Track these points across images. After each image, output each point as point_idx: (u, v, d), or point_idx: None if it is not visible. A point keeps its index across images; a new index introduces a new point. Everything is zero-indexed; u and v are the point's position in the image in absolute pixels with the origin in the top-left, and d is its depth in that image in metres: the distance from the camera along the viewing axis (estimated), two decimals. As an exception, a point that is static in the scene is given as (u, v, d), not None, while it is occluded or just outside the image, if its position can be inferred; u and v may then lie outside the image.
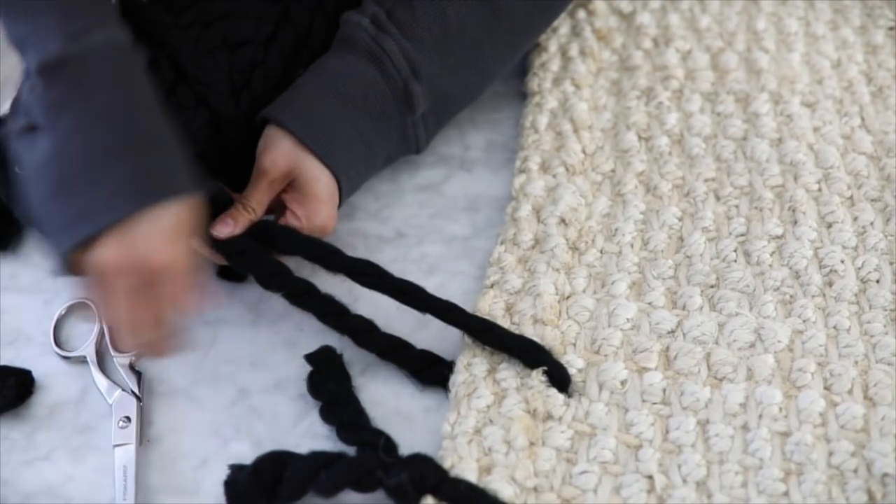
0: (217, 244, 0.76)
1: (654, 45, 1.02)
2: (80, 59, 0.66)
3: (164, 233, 0.66)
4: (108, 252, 0.65)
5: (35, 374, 0.80)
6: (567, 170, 0.89)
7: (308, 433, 0.76)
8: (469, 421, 0.72)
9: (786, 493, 0.67)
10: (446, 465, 0.69)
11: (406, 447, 0.72)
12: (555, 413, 0.73)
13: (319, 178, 0.80)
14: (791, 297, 0.79)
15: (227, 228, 0.76)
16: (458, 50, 0.85)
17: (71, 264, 0.67)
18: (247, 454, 0.74)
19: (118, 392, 0.79)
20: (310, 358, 0.78)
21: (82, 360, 0.81)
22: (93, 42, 0.66)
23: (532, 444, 0.71)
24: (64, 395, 0.80)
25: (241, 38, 0.85)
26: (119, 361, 0.81)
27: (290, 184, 0.80)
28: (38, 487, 0.75)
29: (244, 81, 0.86)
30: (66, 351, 0.82)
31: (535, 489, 0.69)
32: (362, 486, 0.68)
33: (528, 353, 0.75)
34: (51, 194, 0.66)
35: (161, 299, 0.68)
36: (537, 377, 0.73)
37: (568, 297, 0.80)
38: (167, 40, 0.82)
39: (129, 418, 0.77)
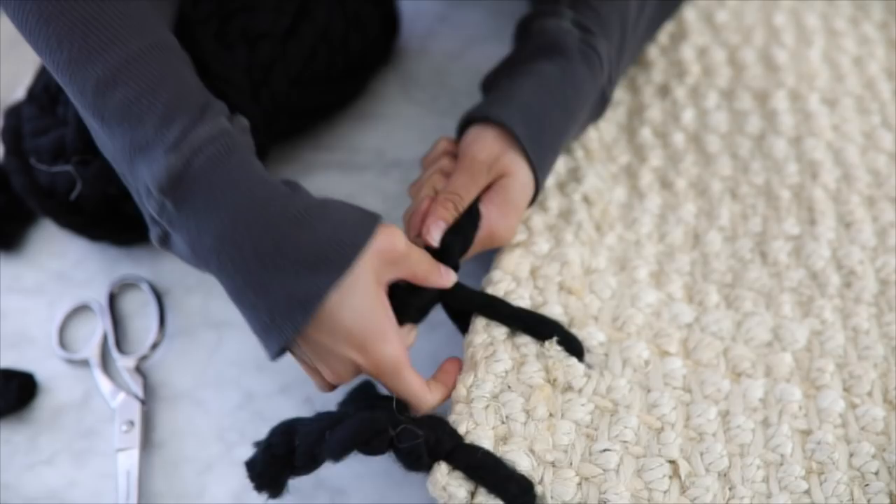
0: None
1: (670, 40, 1.00)
2: (189, 171, 0.63)
3: (359, 332, 0.64)
4: (299, 357, 0.68)
5: (38, 376, 0.80)
6: (587, 154, 0.87)
7: (314, 437, 0.75)
8: (486, 385, 0.68)
9: (807, 492, 0.66)
10: (461, 430, 0.65)
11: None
12: (575, 384, 0.70)
13: (526, 185, 0.75)
14: (809, 297, 0.77)
15: (438, 229, 0.71)
16: (631, 48, 0.84)
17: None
18: (252, 459, 0.73)
19: (121, 395, 0.78)
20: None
21: (86, 363, 0.81)
22: (193, 145, 0.63)
23: (551, 415, 0.68)
24: (67, 399, 0.79)
25: (260, 31, 0.85)
26: (123, 364, 0.80)
27: (491, 184, 0.75)
28: (40, 492, 0.74)
29: (263, 77, 0.85)
30: (70, 353, 0.82)
31: (553, 464, 0.66)
32: (372, 447, 0.62)
33: (538, 328, 0.72)
34: (231, 298, 0.67)
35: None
36: (552, 347, 0.71)
37: (591, 273, 0.78)
38: (189, 34, 0.81)
39: (132, 422, 0.76)
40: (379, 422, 0.62)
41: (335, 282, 0.63)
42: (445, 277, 0.70)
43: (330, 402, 0.72)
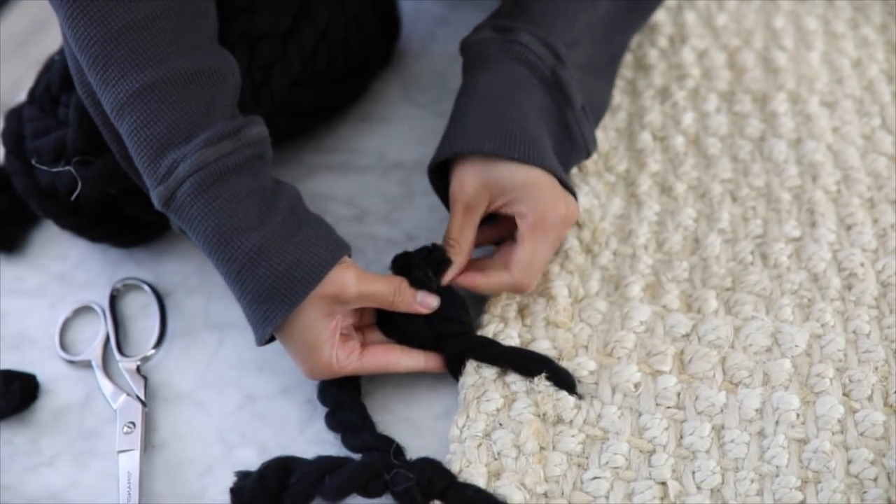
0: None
1: (670, 43, 1.00)
2: (174, 201, 0.71)
3: (295, 350, 0.73)
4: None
5: (40, 378, 0.80)
6: (580, 170, 0.88)
7: (315, 439, 0.75)
8: (478, 424, 0.71)
9: (802, 502, 0.66)
10: (455, 469, 0.68)
11: (414, 454, 0.71)
12: (565, 417, 0.71)
13: (518, 171, 0.75)
14: (809, 300, 0.77)
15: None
16: (584, 31, 0.82)
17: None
18: (252, 460, 0.74)
19: (123, 397, 0.78)
20: None
21: (87, 365, 0.81)
22: (177, 179, 0.70)
23: (542, 448, 0.70)
24: (68, 400, 0.79)
25: (260, 31, 0.85)
26: (124, 366, 0.80)
27: (501, 202, 0.76)
28: (42, 493, 0.74)
29: (263, 77, 0.85)
30: (72, 355, 0.82)
31: (546, 495, 0.67)
32: (369, 491, 0.66)
33: (528, 365, 0.73)
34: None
35: None
36: (541, 382, 0.72)
37: (581, 300, 0.78)
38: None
39: (133, 424, 0.76)
40: (375, 468, 0.67)
41: (285, 315, 0.70)
42: (421, 303, 0.75)
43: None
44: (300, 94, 0.89)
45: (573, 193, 0.78)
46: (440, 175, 0.79)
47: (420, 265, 0.75)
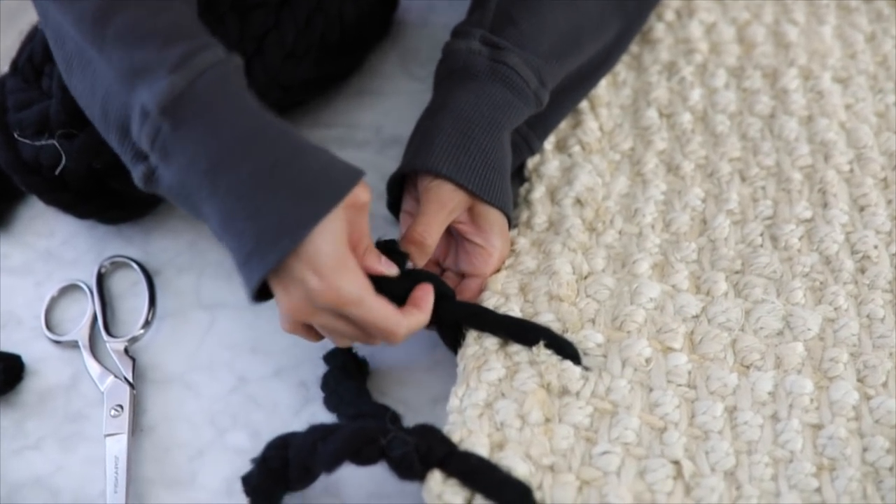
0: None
1: (677, 16, 0.98)
2: (192, 91, 0.64)
3: (327, 261, 0.64)
4: (279, 299, 0.66)
5: (25, 358, 0.79)
6: (583, 148, 0.86)
7: (309, 423, 0.72)
8: (479, 393, 0.68)
9: (818, 490, 0.64)
10: (455, 439, 0.65)
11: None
12: (572, 388, 0.69)
13: (495, 216, 0.77)
14: (821, 283, 0.75)
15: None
16: (566, 54, 0.82)
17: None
18: (245, 445, 0.73)
19: (111, 379, 0.77)
20: (327, 359, 0.75)
21: (74, 345, 0.80)
22: (197, 68, 0.64)
23: (548, 420, 0.67)
24: (55, 382, 0.78)
25: (252, 1, 0.83)
26: (112, 347, 0.79)
27: (467, 217, 0.77)
28: (26, 478, 0.73)
29: (256, 48, 0.84)
30: (58, 335, 0.80)
31: (552, 468, 0.65)
32: (363, 457, 0.62)
33: (526, 333, 0.71)
34: (217, 229, 0.66)
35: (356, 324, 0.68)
36: (541, 351, 0.70)
37: (586, 277, 0.76)
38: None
39: (121, 406, 0.75)
40: (369, 431, 0.63)
41: (327, 211, 0.63)
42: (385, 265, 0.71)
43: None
44: (294, 67, 0.87)
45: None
46: (398, 185, 0.79)
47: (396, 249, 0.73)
